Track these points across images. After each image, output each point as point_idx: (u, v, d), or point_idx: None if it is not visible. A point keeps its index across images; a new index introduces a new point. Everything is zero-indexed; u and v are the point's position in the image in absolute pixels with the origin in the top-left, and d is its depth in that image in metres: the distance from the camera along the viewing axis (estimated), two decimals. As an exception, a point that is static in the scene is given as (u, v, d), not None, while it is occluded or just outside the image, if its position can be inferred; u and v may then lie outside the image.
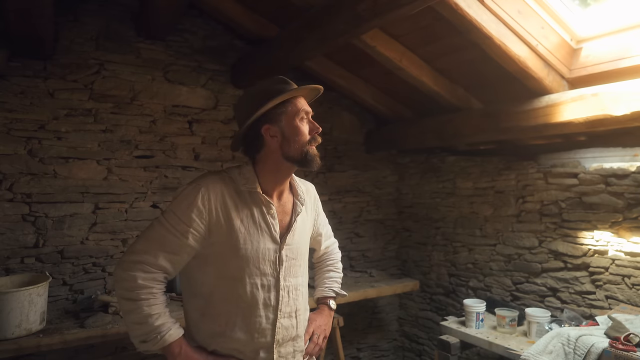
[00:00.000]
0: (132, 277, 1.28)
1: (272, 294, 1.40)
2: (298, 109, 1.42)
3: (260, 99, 1.38)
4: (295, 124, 1.42)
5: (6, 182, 2.42)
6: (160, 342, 1.28)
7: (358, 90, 3.17)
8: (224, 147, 3.05)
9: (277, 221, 1.42)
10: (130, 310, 1.29)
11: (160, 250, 1.31)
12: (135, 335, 1.29)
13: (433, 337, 3.45)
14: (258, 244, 1.37)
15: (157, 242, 1.32)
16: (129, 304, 1.29)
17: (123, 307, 1.31)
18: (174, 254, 1.32)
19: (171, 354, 1.31)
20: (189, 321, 1.44)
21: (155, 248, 1.31)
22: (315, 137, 1.47)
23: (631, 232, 2.27)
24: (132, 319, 1.29)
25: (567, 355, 1.89)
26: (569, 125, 2.16)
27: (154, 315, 1.28)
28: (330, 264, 1.80)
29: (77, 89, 2.61)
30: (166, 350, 1.30)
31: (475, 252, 3.14)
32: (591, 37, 2.16)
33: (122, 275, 1.30)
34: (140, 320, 1.28)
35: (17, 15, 1.98)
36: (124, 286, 1.29)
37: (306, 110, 1.46)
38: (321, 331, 1.62)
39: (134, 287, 1.28)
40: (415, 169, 3.68)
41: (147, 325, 1.27)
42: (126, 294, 1.28)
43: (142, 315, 1.27)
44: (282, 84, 1.42)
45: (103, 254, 2.66)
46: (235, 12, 2.68)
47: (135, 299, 1.27)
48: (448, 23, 2.03)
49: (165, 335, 1.28)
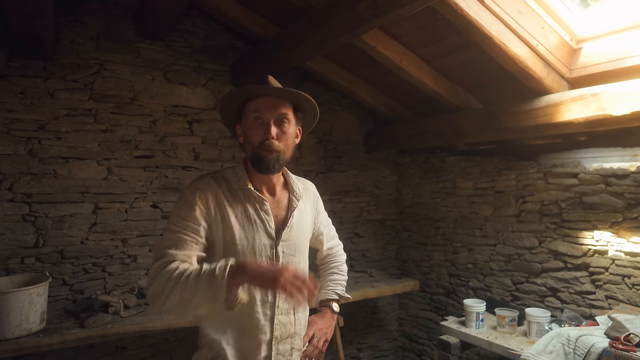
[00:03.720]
0: (162, 275, 1.23)
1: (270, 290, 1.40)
2: (251, 110, 1.39)
3: (238, 96, 1.43)
4: (247, 126, 1.40)
5: (6, 182, 2.42)
6: (226, 270, 1.16)
7: (358, 90, 3.17)
8: (224, 147, 3.05)
9: (271, 217, 1.44)
10: (187, 289, 1.18)
11: (177, 250, 1.30)
12: (212, 292, 1.15)
13: (433, 337, 3.45)
14: (253, 240, 1.39)
15: (172, 246, 1.31)
16: (179, 289, 1.18)
17: (184, 295, 1.18)
18: (190, 251, 1.32)
19: (242, 270, 1.20)
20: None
21: (172, 251, 1.29)
22: (265, 143, 1.36)
23: (631, 232, 2.27)
24: (192, 290, 1.17)
25: (567, 355, 1.89)
26: (569, 125, 2.16)
27: (197, 268, 1.21)
28: (334, 266, 1.78)
29: (77, 89, 2.61)
30: (236, 272, 1.19)
31: (475, 252, 3.14)
32: (591, 37, 2.16)
33: (154, 285, 1.24)
34: (195, 283, 1.17)
35: (17, 15, 1.98)
36: (163, 286, 1.21)
37: (257, 116, 1.37)
38: (322, 334, 1.61)
39: (167, 278, 1.21)
40: (415, 169, 3.68)
41: (206, 278, 1.17)
42: (170, 287, 1.20)
43: (192, 278, 1.18)
44: (259, 81, 1.42)
45: (103, 254, 2.66)
46: (235, 12, 2.67)
47: (177, 280, 1.20)
48: (448, 23, 2.03)
49: (221, 264, 1.19)
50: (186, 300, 1.19)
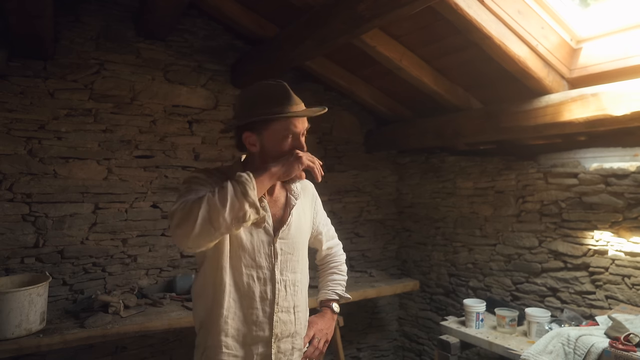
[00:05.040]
0: (185, 203, 1.19)
1: (269, 287, 1.41)
2: (286, 129, 1.36)
3: (260, 107, 1.35)
4: (276, 142, 1.37)
5: (6, 182, 2.42)
6: (249, 173, 1.22)
7: (358, 90, 3.17)
8: (224, 147, 3.05)
9: (269, 214, 1.44)
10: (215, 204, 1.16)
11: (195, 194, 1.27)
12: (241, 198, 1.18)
13: (433, 337, 3.45)
14: (251, 235, 1.39)
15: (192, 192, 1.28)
16: (206, 206, 1.16)
17: (212, 212, 1.15)
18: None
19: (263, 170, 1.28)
20: (198, 319, 1.45)
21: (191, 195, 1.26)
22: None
23: (631, 232, 2.27)
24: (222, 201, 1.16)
25: (567, 355, 1.89)
26: (569, 125, 2.15)
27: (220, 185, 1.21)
28: (334, 266, 1.78)
29: (77, 89, 2.61)
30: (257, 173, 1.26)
31: (475, 252, 3.14)
32: (591, 37, 2.16)
33: (178, 214, 1.18)
34: (224, 193, 1.17)
35: (17, 15, 1.98)
36: (189, 209, 1.17)
37: (293, 131, 1.37)
38: (322, 335, 1.61)
39: (192, 202, 1.18)
40: (415, 169, 3.68)
41: (232, 185, 1.19)
42: (196, 207, 1.16)
43: (219, 192, 1.18)
44: (284, 97, 1.36)
45: (103, 254, 2.66)
46: (235, 12, 2.68)
47: (202, 200, 1.17)
48: (448, 23, 2.03)
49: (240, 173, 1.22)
50: (215, 216, 1.15)
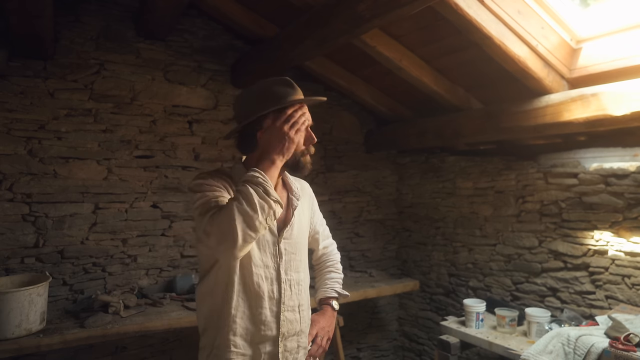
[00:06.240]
0: (216, 217, 1.21)
1: (275, 286, 1.42)
2: (297, 120, 1.38)
3: (263, 100, 1.37)
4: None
5: (6, 182, 2.42)
6: (255, 171, 1.24)
7: (358, 90, 3.17)
8: (224, 147, 3.05)
9: None
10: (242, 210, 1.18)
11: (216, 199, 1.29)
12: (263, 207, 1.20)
13: (433, 337, 3.45)
14: None
15: (211, 197, 1.29)
16: (240, 218, 1.17)
17: (248, 222, 1.18)
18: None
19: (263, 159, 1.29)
20: (204, 320, 1.45)
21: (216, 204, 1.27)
22: (309, 148, 1.44)
23: (631, 232, 2.27)
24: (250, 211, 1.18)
25: (567, 355, 1.89)
26: (569, 125, 2.16)
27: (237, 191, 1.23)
28: (331, 264, 1.79)
29: (77, 89, 2.61)
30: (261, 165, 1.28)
31: (475, 252, 3.14)
32: (591, 37, 2.16)
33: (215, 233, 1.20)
34: (246, 196, 1.19)
35: (17, 15, 1.98)
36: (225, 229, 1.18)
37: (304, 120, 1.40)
38: (324, 333, 1.63)
39: (225, 214, 1.19)
40: (415, 169, 3.68)
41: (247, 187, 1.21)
42: (233, 224, 1.17)
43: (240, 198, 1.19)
44: (287, 88, 1.39)
45: (103, 254, 2.66)
46: (235, 12, 2.68)
47: (232, 213, 1.18)
48: (448, 23, 2.03)
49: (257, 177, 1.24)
50: (252, 223, 1.18)
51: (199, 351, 1.46)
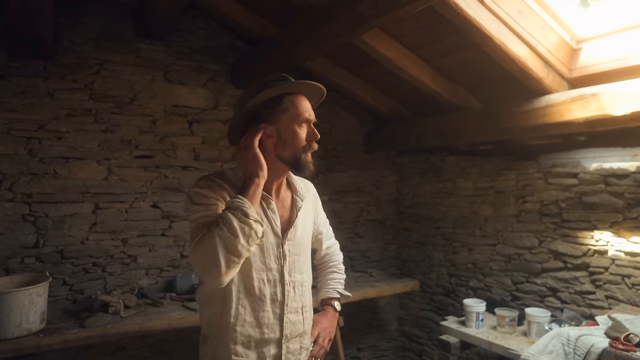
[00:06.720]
0: (201, 252, 1.22)
1: (278, 289, 1.42)
2: (299, 113, 1.40)
3: (258, 88, 1.39)
4: (293, 128, 1.40)
5: (6, 182, 2.42)
6: (239, 200, 1.25)
7: (358, 90, 3.17)
8: (224, 147, 3.05)
9: (277, 215, 1.44)
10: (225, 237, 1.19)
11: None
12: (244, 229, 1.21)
13: (433, 337, 3.45)
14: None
15: (204, 221, 1.29)
16: (221, 244, 1.19)
17: (230, 247, 1.20)
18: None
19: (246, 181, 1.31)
20: (204, 328, 1.45)
21: (205, 225, 1.27)
22: (311, 144, 1.43)
23: (631, 232, 2.27)
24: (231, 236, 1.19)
25: (567, 355, 1.89)
26: (569, 125, 2.15)
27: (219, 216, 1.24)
28: (333, 265, 1.79)
29: (77, 89, 2.61)
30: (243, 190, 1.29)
31: (475, 252, 3.14)
32: (591, 37, 2.16)
33: (200, 265, 1.24)
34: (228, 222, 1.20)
35: (17, 15, 1.98)
36: (207, 257, 1.20)
37: (307, 118, 1.42)
38: (326, 334, 1.63)
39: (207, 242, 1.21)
40: (415, 169, 3.68)
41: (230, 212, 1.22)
42: (214, 252, 1.19)
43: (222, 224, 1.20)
44: (282, 79, 1.42)
45: (103, 254, 2.66)
46: (235, 12, 2.68)
47: (213, 240, 1.20)
48: (448, 23, 2.03)
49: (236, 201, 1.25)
50: (233, 247, 1.20)
51: (199, 359, 1.46)
